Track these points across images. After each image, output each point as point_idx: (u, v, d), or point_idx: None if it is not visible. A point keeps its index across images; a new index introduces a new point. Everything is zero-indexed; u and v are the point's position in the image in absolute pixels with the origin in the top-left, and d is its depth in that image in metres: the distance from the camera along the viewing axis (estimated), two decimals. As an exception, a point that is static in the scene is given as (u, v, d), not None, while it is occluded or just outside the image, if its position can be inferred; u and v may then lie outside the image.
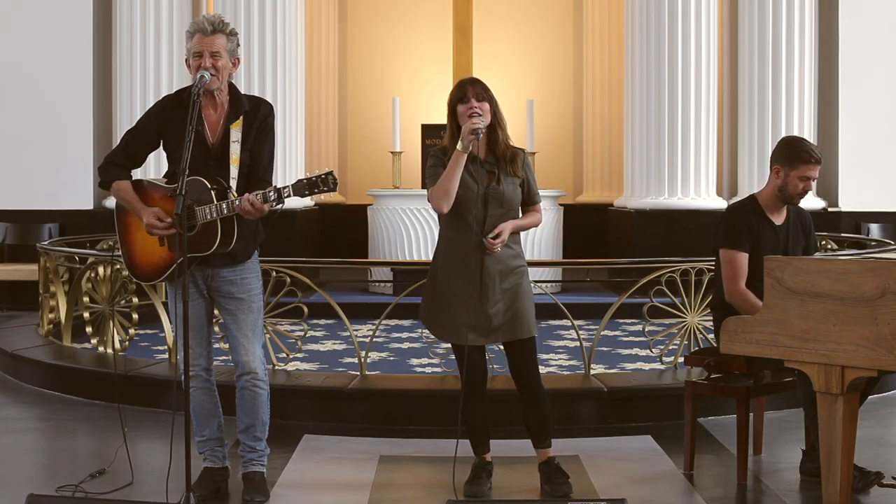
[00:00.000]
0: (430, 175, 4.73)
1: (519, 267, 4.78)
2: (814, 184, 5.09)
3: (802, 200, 5.11)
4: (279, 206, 4.33)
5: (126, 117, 10.71)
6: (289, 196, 4.30)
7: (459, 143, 4.61)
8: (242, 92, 4.71)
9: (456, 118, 4.69)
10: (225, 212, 4.37)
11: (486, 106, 4.68)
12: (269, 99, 10.17)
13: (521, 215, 4.81)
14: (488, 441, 4.89)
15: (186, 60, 4.55)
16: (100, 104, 11.23)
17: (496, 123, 4.73)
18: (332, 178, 4.29)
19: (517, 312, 4.73)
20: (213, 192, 4.39)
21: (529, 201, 4.82)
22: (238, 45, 4.59)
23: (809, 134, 10.76)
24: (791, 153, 5.00)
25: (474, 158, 4.69)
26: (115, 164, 4.63)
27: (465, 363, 4.73)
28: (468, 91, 4.68)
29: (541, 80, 13.92)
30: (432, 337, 7.96)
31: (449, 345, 6.91)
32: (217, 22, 4.51)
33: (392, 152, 11.53)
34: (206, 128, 4.56)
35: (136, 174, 4.73)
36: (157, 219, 4.47)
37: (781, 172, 5.01)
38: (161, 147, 4.66)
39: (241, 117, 4.55)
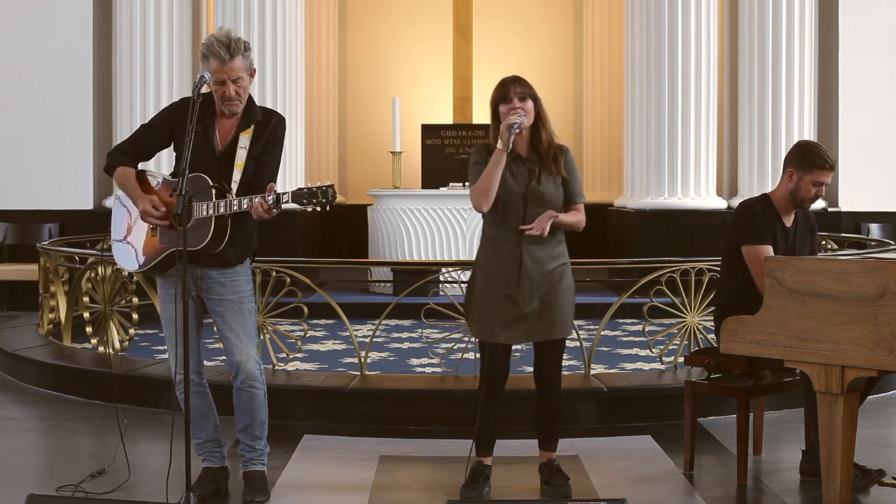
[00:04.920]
0: (471, 172, 4.67)
1: (559, 267, 4.69)
2: (825, 189, 5.07)
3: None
4: (275, 211, 4.35)
5: (126, 117, 10.72)
6: (286, 202, 4.32)
7: (499, 141, 4.55)
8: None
9: (499, 118, 4.63)
10: (222, 210, 4.38)
11: (529, 105, 4.62)
12: (269, 100, 10.33)
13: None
14: (493, 445, 4.84)
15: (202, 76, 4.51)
16: (100, 105, 11.23)
17: (540, 122, 4.66)
18: (332, 192, 4.31)
19: (554, 312, 4.67)
20: (213, 191, 4.41)
21: (571, 201, 4.72)
22: (251, 56, 4.58)
23: (810, 135, 10.75)
24: (806, 158, 4.98)
25: (517, 157, 4.64)
26: (123, 152, 4.66)
27: (487, 361, 4.70)
28: (510, 91, 4.62)
29: (541, 80, 13.77)
30: (432, 337, 8.01)
31: (450, 345, 6.97)
32: (232, 45, 4.45)
33: (392, 152, 11.53)
34: (216, 134, 4.58)
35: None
36: (152, 206, 4.48)
37: (795, 176, 4.99)
38: (172, 147, 4.68)
39: (253, 126, 4.56)
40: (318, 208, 4.33)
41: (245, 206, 4.34)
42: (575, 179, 4.73)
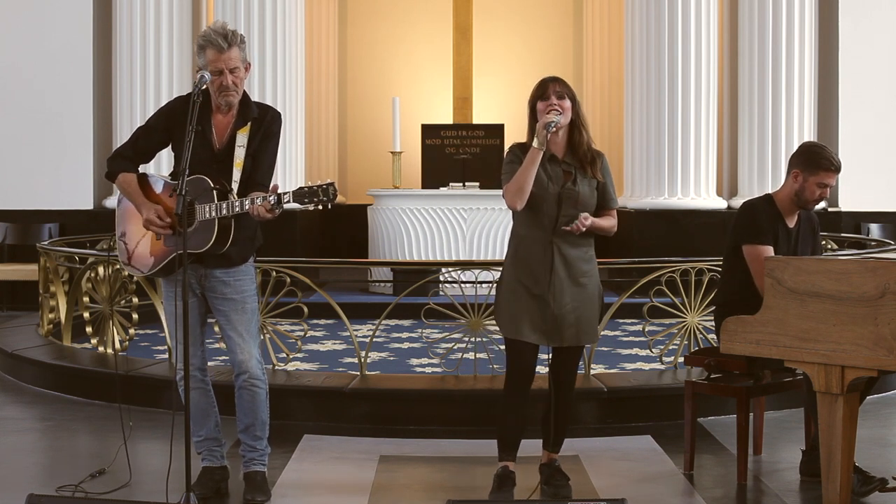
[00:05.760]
0: (505, 171, 4.64)
1: (589, 271, 4.69)
2: (829, 191, 5.06)
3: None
4: (278, 211, 4.35)
5: (126, 117, 10.72)
6: (288, 202, 4.32)
7: (535, 138, 4.53)
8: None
9: (536, 116, 4.61)
10: (224, 212, 4.38)
11: (567, 104, 4.59)
12: (269, 99, 10.32)
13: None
14: (517, 448, 4.76)
15: (199, 70, 4.51)
16: (100, 104, 11.23)
17: (580, 125, 4.65)
18: (333, 189, 4.31)
19: (584, 317, 4.66)
20: (214, 192, 4.41)
21: (605, 205, 4.72)
22: (246, 49, 4.59)
23: (809, 135, 10.76)
24: (811, 159, 4.96)
25: (552, 157, 4.62)
26: (123, 157, 4.67)
27: (514, 360, 4.66)
28: (548, 89, 4.60)
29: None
30: (432, 337, 8.01)
31: (450, 345, 6.97)
32: (229, 35, 4.47)
33: (392, 152, 11.53)
34: (213, 132, 4.58)
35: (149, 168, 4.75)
36: (156, 216, 4.49)
37: (800, 177, 4.98)
38: (171, 147, 4.68)
39: (249, 123, 4.56)
40: (320, 206, 4.32)
41: (247, 208, 4.34)
42: (610, 184, 4.72)
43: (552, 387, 4.78)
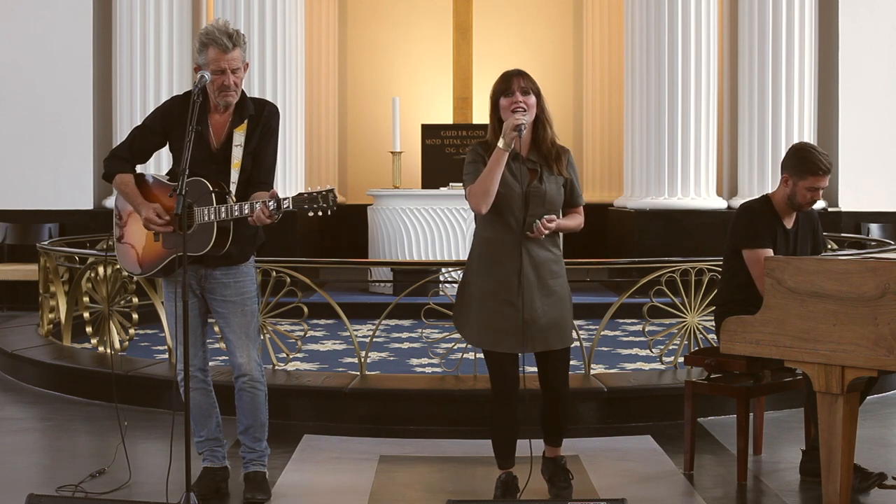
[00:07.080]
0: (468, 172, 4.47)
1: (559, 272, 4.56)
2: (822, 193, 5.04)
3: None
4: (277, 217, 4.32)
5: (126, 117, 10.72)
6: (287, 208, 4.28)
7: (501, 139, 4.33)
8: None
9: (498, 112, 4.44)
10: (223, 215, 4.37)
11: (532, 100, 4.43)
12: (269, 99, 10.28)
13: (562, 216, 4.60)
14: (514, 453, 4.68)
15: (197, 68, 4.52)
16: (100, 104, 11.24)
17: (543, 120, 4.50)
18: (333, 196, 4.29)
19: (556, 321, 4.52)
20: (213, 195, 4.40)
21: (572, 203, 4.58)
22: (246, 49, 4.59)
23: (809, 135, 10.76)
24: (799, 163, 4.94)
25: (516, 156, 4.43)
26: (119, 158, 4.65)
27: (497, 371, 4.52)
28: (513, 83, 4.43)
29: (541, 80, 13.46)
30: (432, 337, 8.01)
31: (450, 345, 6.96)
32: (233, 35, 4.46)
33: (392, 152, 11.53)
34: (210, 132, 4.57)
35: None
36: (155, 215, 4.48)
37: (790, 182, 4.97)
38: (168, 146, 4.67)
39: (246, 121, 4.55)
40: (320, 213, 4.30)
41: (246, 212, 4.32)
42: (576, 181, 4.61)
43: (543, 394, 4.70)
